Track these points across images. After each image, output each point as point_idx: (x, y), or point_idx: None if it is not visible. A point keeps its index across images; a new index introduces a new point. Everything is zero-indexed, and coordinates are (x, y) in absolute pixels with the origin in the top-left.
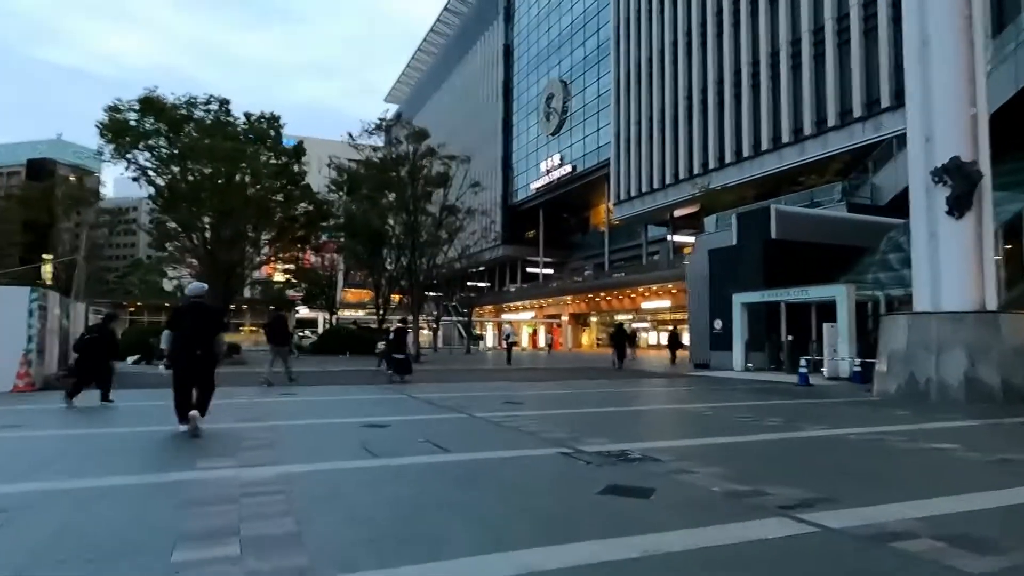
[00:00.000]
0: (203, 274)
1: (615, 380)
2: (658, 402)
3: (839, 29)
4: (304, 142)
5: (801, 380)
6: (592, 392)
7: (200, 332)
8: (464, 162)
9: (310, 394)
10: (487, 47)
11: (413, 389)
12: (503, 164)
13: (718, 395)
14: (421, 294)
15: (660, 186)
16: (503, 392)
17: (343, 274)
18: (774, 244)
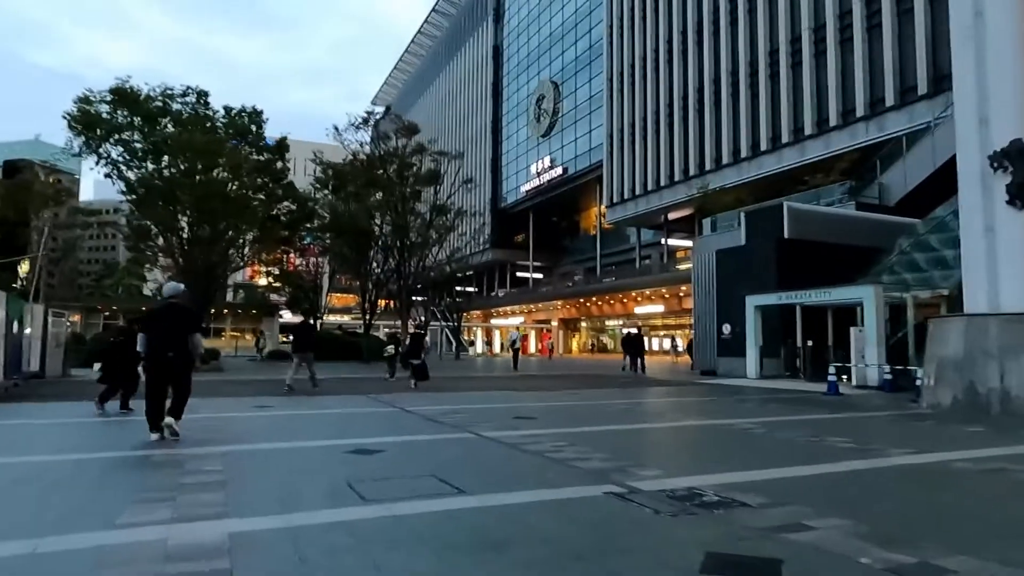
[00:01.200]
0: (180, 276)
1: (626, 389)
2: (690, 416)
3: (841, 27)
4: (288, 139)
5: (831, 389)
6: (609, 404)
7: (173, 333)
8: (456, 158)
9: (290, 406)
10: (476, 49)
11: (407, 401)
12: (492, 167)
13: (750, 408)
14: (409, 298)
15: (654, 188)
16: (509, 404)
17: (328, 278)
18: (787, 244)
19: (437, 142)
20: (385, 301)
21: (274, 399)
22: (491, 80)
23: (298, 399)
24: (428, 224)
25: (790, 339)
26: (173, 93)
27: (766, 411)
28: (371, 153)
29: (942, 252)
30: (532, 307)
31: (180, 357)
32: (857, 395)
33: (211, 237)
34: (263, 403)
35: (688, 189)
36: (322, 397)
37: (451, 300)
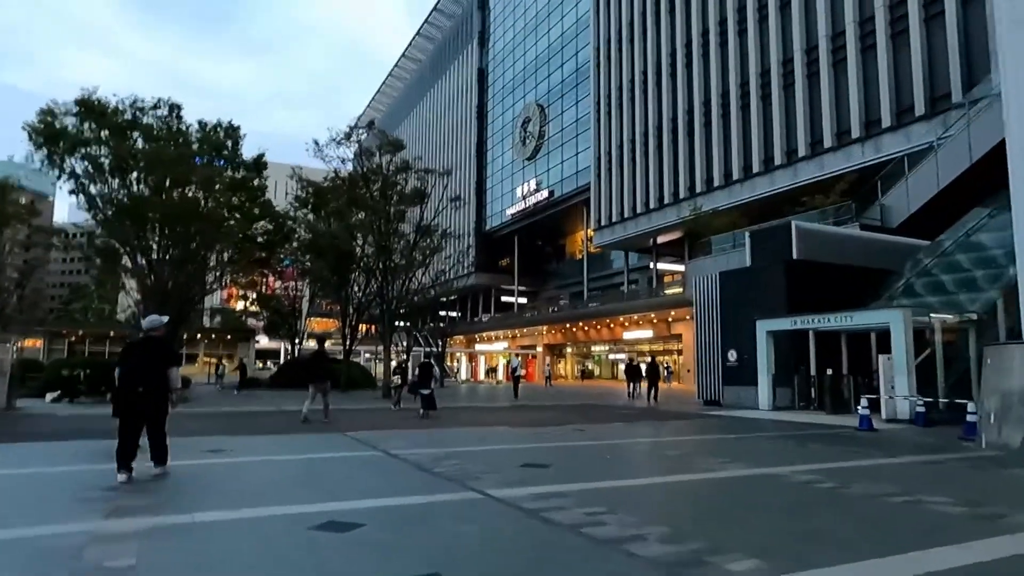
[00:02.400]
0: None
1: (634, 424)
2: (728, 461)
3: (834, 48)
4: (266, 158)
5: (864, 424)
6: (625, 444)
7: (146, 367)
8: (444, 175)
9: (252, 450)
10: (460, 72)
11: (392, 440)
12: (477, 190)
13: (789, 449)
14: (392, 323)
15: (643, 211)
16: (513, 445)
17: (308, 302)
18: (797, 265)
19: (423, 160)
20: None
21: (236, 440)
22: (476, 103)
23: (264, 441)
24: (412, 245)
25: (802, 366)
26: (144, 106)
27: (810, 454)
28: (354, 170)
29: (962, 273)
30: (516, 332)
31: (152, 392)
32: (892, 430)
33: (182, 258)
34: (221, 444)
35: (678, 212)
36: (293, 436)
37: (434, 325)
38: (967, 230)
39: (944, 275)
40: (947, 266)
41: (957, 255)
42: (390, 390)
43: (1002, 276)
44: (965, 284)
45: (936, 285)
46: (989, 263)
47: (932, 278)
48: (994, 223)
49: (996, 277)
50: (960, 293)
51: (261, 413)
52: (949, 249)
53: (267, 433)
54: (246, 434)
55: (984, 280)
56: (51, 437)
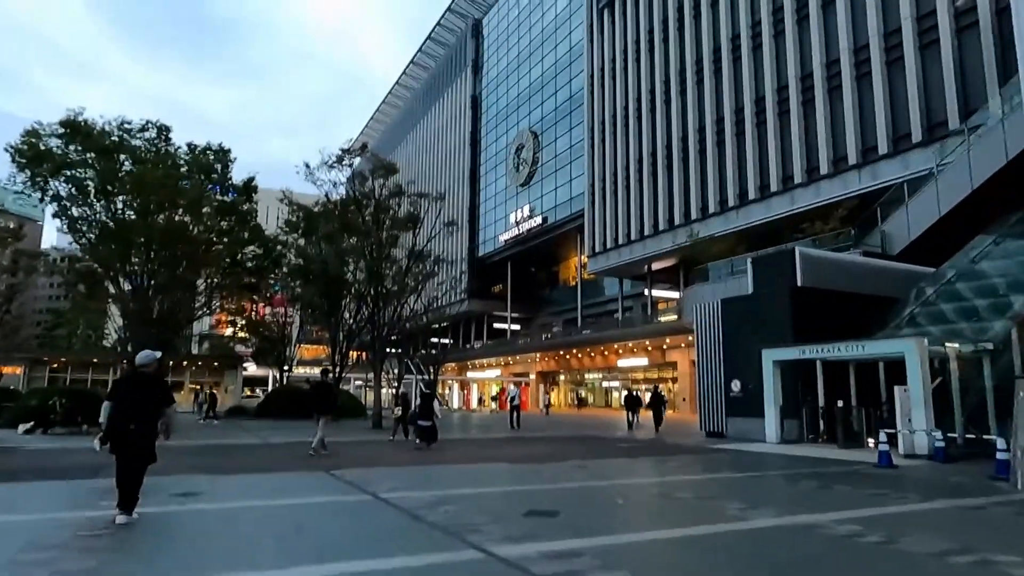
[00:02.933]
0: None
1: (639, 459)
2: (754, 508)
3: (829, 75)
4: (256, 182)
5: (883, 460)
6: (635, 485)
7: (139, 405)
8: (438, 199)
9: (223, 495)
10: (454, 99)
11: (382, 480)
12: (470, 216)
13: (814, 492)
14: (383, 350)
15: (638, 238)
16: (515, 486)
17: (298, 328)
18: (801, 292)
19: (416, 184)
20: (357, 353)
21: (212, 481)
22: (469, 130)
23: (242, 482)
24: (405, 271)
25: (809, 397)
26: (131, 128)
27: (839, 497)
28: (346, 194)
29: (969, 302)
30: (509, 360)
31: (143, 431)
32: (913, 467)
33: (168, 283)
34: (195, 486)
35: (673, 238)
36: (274, 476)
37: (426, 352)
38: (972, 257)
39: (951, 304)
40: (953, 294)
41: (963, 283)
42: (380, 419)
43: (1011, 304)
44: (973, 313)
45: (943, 314)
46: (997, 291)
47: (939, 307)
48: (999, 251)
49: (1006, 305)
50: (969, 322)
51: (244, 447)
52: (955, 277)
53: (248, 471)
54: (224, 473)
55: (992, 309)
56: (8, 477)
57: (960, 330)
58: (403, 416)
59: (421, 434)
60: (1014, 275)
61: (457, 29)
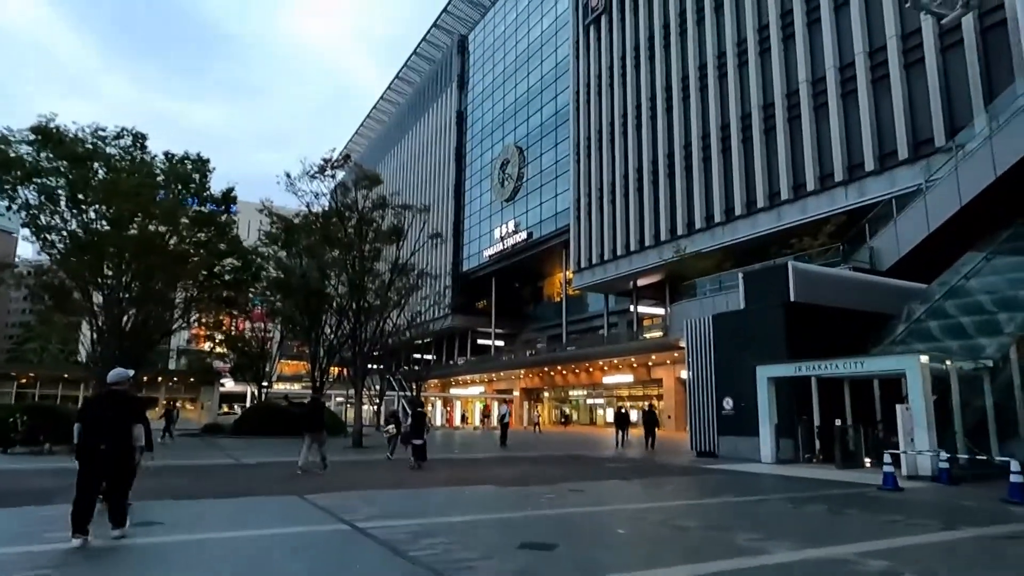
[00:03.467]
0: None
1: (635, 480)
2: (775, 540)
3: (815, 92)
4: (235, 194)
5: (888, 483)
6: (635, 510)
7: (111, 423)
8: (422, 211)
9: (191, 521)
10: (439, 115)
11: (361, 506)
12: (454, 231)
13: (824, 517)
14: (365, 365)
15: (624, 253)
16: (507, 513)
17: (278, 343)
18: (795, 308)
19: (401, 197)
20: (338, 369)
21: (176, 507)
22: (454, 145)
23: (209, 508)
24: (388, 285)
25: (804, 416)
26: (105, 135)
27: (855, 525)
28: (328, 206)
29: (964, 318)
30: (493, 376)
31: (116, 450)
32: (918, 489)
33: (141, 296)
34: (157, 514)
35: (659, 254)
36: (245, 502)
37: (409, 368)
38: (965, 274)
39: (944, 320)
40: (946, 311)
41: (955, 300)
42: (361, 437)
43: (1006, 321)
44: (969, 329)
45: (938, 330)
46: (990, 308)
47: (935, 322)
48: (990, 267)
49: (1000, 322)
50: (963, 339)
51: (215, 468)
52: (948, 294)
53: (216, 496)
54: (189, 497)
55: (986, 325)
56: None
57: (954, 348)
58: (396, 434)
59: (414, 452)
60: (1006, 292)
61: (443, 45)
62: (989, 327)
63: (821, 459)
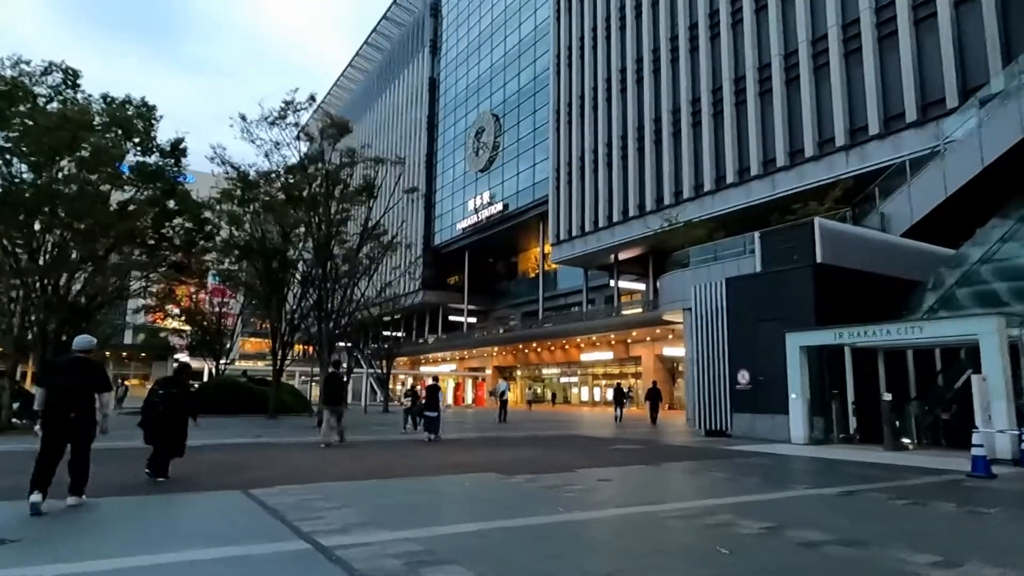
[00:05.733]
0: (33, 309)
1: (665, 466)
2: (973, 565)
3: (815, 52)
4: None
5: (979, 468)
6: (711, 509)
7: (77, 391)
8: (397, 163)
9: (59, 539)
10: (410, 81)
11: (329, 509)
12: (426, 203)
13: (941, 520)
14: (331, 341)
15: (605, 224)
16: (525, 518)
17: (239, 317)
18: (824, 271)
19: (371, 147)
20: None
21: (58, 515)
22: (426, 113)
23: (117, 511)
24: (358, 248)
25: (835, 390)
26: (30, 71)
27: (983, 528)
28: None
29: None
30: (465, 354)
31: (83, 418)
32: (1011, 476)
33: (76, 259)
34: (19, 524)
35: (644, 225)
36: (164, 499)
37: (378, 345)
38: (1003, 235)
39: (986, 285)
40: (984, 276)
41: (996, 264)
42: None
43: None
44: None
45: (984, 296)
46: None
47: (976, 288)
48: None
49: None
50: (1018, 303)
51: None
52: (987, 257)
53: (130, 492)
54: (106, 493)
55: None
56: None
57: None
58: (412, 407)
59: (427, 425)
60: None
61: (414, 8)
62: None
63: (858, 439)
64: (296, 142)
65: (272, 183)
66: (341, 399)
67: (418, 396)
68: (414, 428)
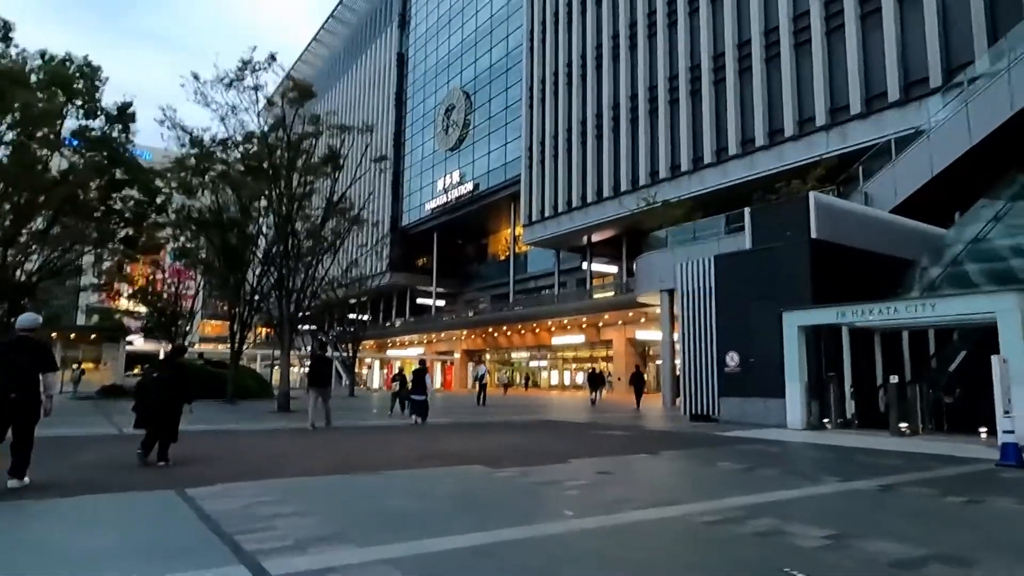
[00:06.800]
0: None
1: (664, 455)
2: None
3: (796, 29)
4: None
5: (1010, 457)
6: (753, 509)
7: (21, 371)
8: (365, 131)
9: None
10: (378, 57)
11: (280, 515)
12: (393, 183)
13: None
14: (295, 320)
15: (579, 205)
16: (530, 523)
17: (196, 298)
18: (819, 247)
19: (337, 115)
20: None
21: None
22: (394, 90)
23: (13, 517)
24: (322, 222)
25: (832, 373)
26: None
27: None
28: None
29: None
30: (433, 337)
31: (26, 399)
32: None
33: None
34: None
35: (619, 206)
36: (85, 501)
37: (344, 328)
38: (996, 214)
39: (1007, 261)
40: (985, 255)
41: (992, 244)
42: (288, 401)
43: None
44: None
45: (980, 275)
46: None
47: (973, 266)
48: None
49: None
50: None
51: (85, 441)
52: (982, 236)
53: (49, 494)
54: (22, 495)
55: None
56: None
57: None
58: (400, 391)
59: (415, 408)
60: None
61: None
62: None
63: (857, 424)
64: (255, 106)
65: (229, 151)
66: (328, 381)
67: (406, 380)
68: (402, 412)
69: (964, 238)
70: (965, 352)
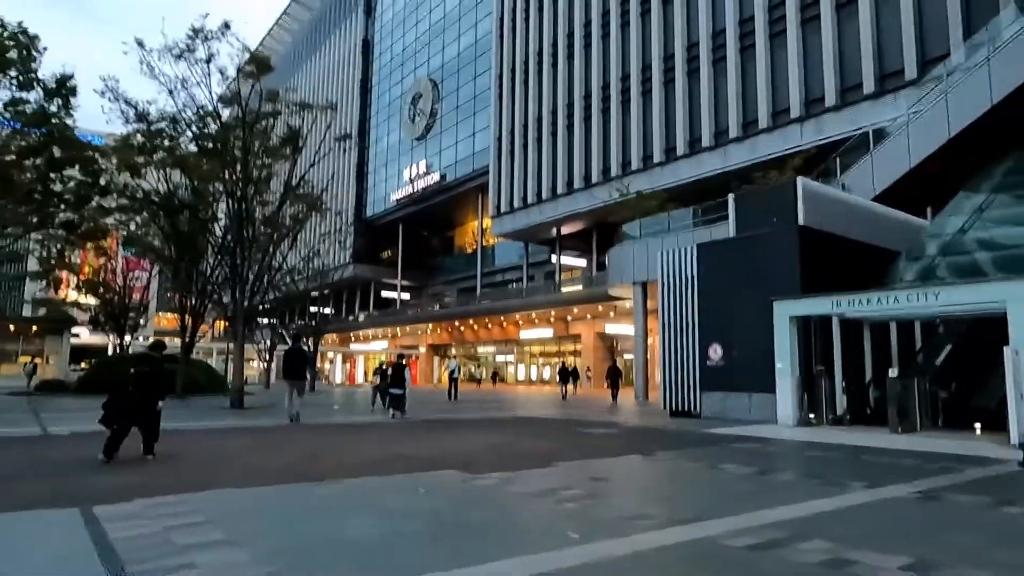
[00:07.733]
0: None
1: (659, 456)
2: None
3: (771, 19)
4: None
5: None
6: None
7: None
8: (328, 109)
9: None
10: (342, 43)
11: (206, 529)
12: (357, 173)
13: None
14: (252, 313)
15: (549, 197)
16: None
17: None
18: (808, 234)
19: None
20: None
21: None
22: (359, 78)
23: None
24: (280, 206)
25: (821, 366)
26: None
27: None
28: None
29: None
30: (397, 331)
31: None
32: None
33: None
34: None
35: (591, 197)
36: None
37: (305, 321)
38: (979, 206)
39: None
40: (970, 245)
41: (980, 232)
42: (242, 397)
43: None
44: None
45: (968, 266)
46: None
47: (960, 257)
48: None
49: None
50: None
51: (5, 441)
52: (966, 227)
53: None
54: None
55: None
56: None
57: None
58: (380, 385)
59: (394, 401)
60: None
61: None
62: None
63: (849, 420)
64: (207, 79)
65: (180, 129)
66: (303, 374)
67: (387, 375)
68: (383, 407)
69: (949, 229)
70: (950, 346)
